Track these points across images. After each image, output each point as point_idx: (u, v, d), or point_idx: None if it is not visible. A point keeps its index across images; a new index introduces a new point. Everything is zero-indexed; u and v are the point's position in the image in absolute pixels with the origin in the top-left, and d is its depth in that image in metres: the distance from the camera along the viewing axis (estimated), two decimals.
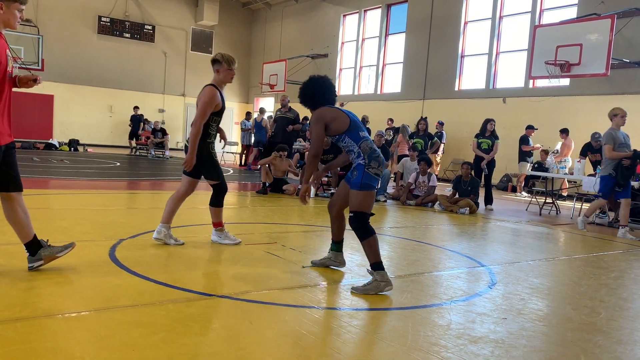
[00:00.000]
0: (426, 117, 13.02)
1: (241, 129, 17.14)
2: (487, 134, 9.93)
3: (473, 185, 9.14)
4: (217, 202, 4.77)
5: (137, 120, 19.37)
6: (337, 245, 4.22)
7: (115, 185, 9.68)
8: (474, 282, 4.28)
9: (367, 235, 3.70)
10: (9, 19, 3.31)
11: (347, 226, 3.98)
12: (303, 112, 13.90)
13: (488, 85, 15.84)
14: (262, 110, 15.89)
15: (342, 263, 4.25)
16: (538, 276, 4.59)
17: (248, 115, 17.20)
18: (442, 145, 15.02)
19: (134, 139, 19.23)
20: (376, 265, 3.66)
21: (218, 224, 4.89)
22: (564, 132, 12.54)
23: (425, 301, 3.61)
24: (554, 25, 12.03)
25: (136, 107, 19.88)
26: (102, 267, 3.78)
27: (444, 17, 17.01)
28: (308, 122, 13.82)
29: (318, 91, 3.92)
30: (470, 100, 16.07)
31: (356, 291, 3.64)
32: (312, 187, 4.15)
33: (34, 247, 3.55)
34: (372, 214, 3.81)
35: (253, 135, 15.86)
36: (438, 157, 14.93)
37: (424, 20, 17.61)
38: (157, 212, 6.75)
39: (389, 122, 16.21)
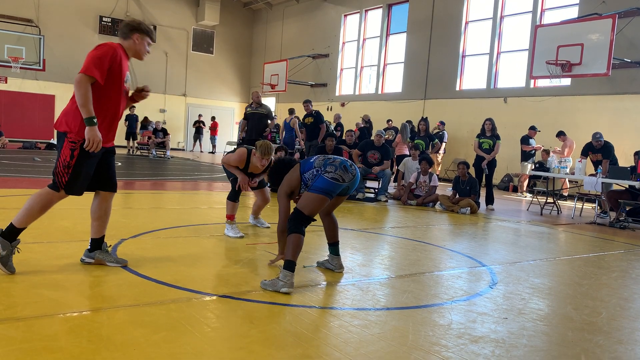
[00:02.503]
0: (427, 118, 13.01)
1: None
2: (487, 133, 9.92)
3: (471, 185, 9.12)
4: (230, 196, 5.48)
5: (133, 120, 19.29)
6: (332, 247, 4.22)
7: None
8: (474, 281, 4.28)
9: (295, 231, 3.65)
10: (140, 50, 3.71)
11: (340, 225, 3.97)
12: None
13: (489, 85, 15.83)
14: (291, 111, 14.53)
15: (337, 266, 4.17)
16: (539, 276, 4.59)
17: None
18: (443, 145, 14.99)
19: (131, 139, 19.20)
20: (287, 264, 3.58)
21: (229, 217, 5.42)
22: (561, 134, 12.51)
23: (426, 301, 3.61)
24: (555, 25, 12.02)
25: (132, 107, 19.78)
26: (103, 266, 3.79)
27: (445, 17, 17.00)
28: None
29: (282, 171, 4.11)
30: (471, 100, 16.07)
31: (262, 284, 3.60)
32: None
33: (96, 246, 3.83)
34: (314, 220, 3.79)
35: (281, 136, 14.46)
36: (439, 157, 14.91)
37: (425, 20, 17.61)
38: (158, 212, 6.78)
39: (389, 122, 16.20)
